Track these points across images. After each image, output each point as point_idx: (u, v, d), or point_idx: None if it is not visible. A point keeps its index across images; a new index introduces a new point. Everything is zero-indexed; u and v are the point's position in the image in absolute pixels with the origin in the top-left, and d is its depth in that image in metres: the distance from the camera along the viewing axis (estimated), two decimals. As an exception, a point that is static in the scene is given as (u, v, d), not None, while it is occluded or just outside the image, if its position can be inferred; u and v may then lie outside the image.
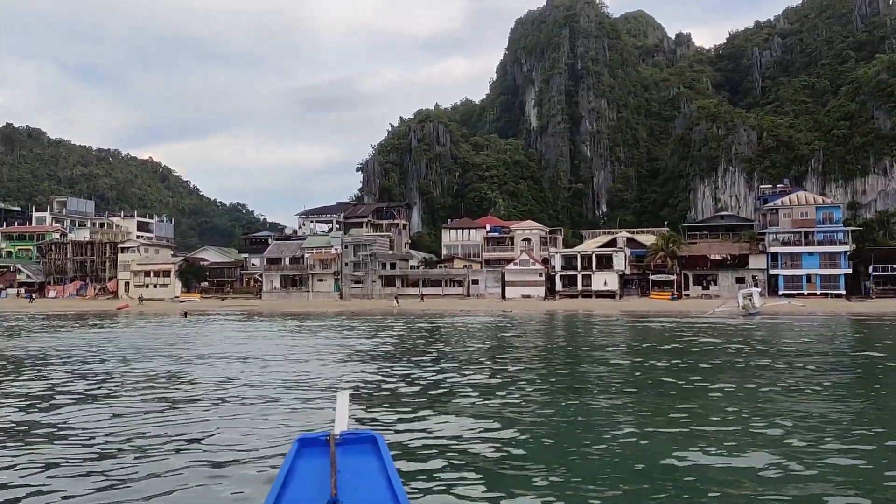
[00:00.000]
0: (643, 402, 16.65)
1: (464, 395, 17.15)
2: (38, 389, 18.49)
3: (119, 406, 15.60)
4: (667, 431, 12.71)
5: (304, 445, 4.68)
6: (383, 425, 12.91)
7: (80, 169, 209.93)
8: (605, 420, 13.89)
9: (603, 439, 12.08)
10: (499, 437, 12.05)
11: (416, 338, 38.63)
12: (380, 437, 4.80)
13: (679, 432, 12.61)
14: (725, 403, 15.98)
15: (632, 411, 15.04)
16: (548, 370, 23.75)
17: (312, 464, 4.46)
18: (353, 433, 4.83)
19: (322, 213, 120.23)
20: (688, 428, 12.98)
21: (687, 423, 13.55)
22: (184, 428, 12.84)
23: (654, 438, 12.21)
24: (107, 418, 14.04)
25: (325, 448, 4.55)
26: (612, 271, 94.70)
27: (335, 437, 4.66)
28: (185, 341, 36.18)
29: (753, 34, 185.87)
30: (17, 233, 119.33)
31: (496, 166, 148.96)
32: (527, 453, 11.17)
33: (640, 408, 15.63)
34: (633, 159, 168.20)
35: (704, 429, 12.84)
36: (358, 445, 4.70)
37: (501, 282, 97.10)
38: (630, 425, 13.24)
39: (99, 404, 16.00)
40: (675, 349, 31.20)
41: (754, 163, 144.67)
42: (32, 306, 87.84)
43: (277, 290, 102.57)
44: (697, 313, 66.60)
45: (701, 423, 13.56)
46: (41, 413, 14.92)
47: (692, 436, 12.26)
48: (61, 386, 19.23)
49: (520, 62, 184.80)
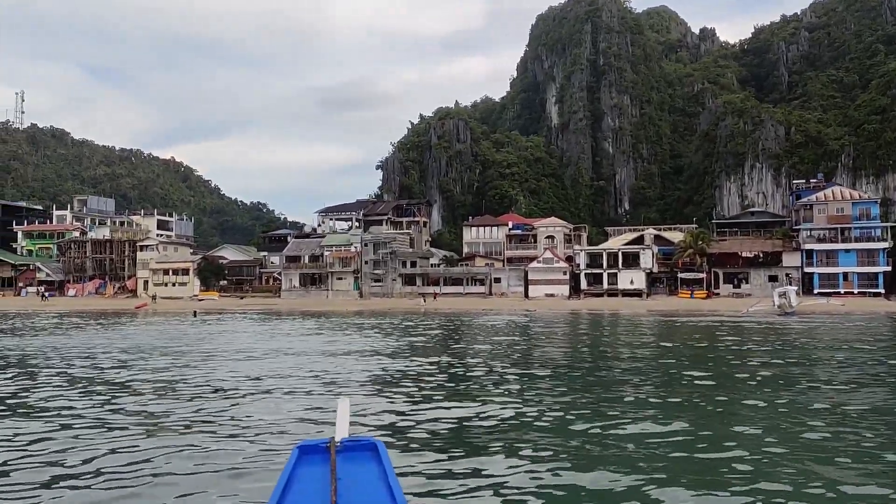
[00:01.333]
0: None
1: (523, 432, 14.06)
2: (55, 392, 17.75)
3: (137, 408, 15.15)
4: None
5: (305, 452, 4.58)
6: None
7: (103, 169, 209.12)
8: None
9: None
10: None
11: (454, 342, 35.50)
12: (381, 445, 4.67)
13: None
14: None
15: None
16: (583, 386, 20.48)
17: (313, 471, 4.37)
18: (353, 440, 4.71)
19: (341, 210, 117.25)
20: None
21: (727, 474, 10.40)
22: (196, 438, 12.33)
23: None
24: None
25: (326, 455, 4.45)
26: (639, 269, 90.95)
27: (336, 444, 4.53)
28: (192, 350, 33.29)
29: (780, 28, 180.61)
30: (37, 231, 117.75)
31: (517, 163, 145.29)
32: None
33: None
34: (656, 156, 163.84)
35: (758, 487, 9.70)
36: (359, 453, 4.59)
37: (524, 280, 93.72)
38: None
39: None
40: (711, 355, 27.75)
41: (782, 159, 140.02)
42: (47, 305, 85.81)
43: (296, 288, 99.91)
44: (730, 313, 63.10)
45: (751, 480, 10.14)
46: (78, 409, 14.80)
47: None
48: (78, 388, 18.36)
49: (540, 59, 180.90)
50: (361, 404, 15.27)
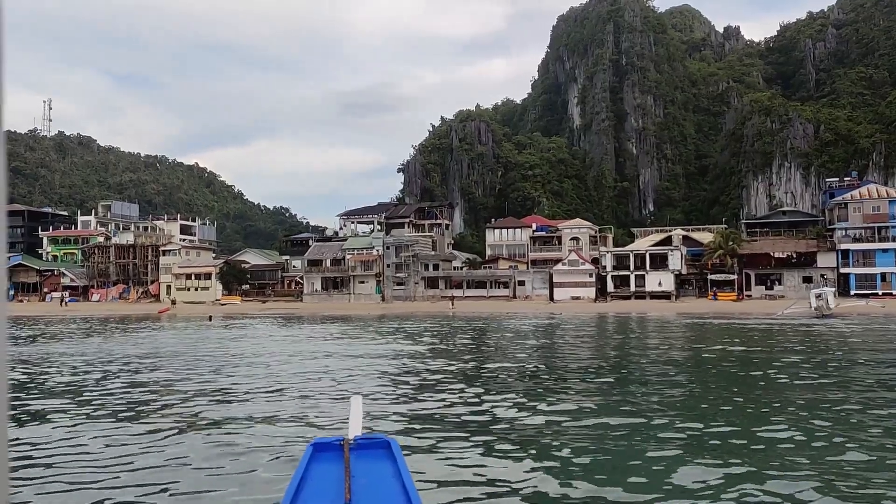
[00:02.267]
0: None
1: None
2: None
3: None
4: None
5: (319, 450, 4.53)
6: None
7: (128, 175, 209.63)
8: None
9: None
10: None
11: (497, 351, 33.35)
12: (394, 442, 4.60)
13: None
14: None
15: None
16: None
17: (327, 468, 4.31)
18: (367, 438, 4.64)
19: (363, 213, 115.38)
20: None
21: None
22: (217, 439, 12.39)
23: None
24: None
25: (340, 453, 4.39)
26: (668, 271, 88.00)
27: (349, 441, 4.47)
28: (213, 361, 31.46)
29: (806, 25, 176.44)
30: (62, 237, 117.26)
31: (539, 165, 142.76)
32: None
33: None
34: (680, 156, 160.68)
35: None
36: (372, 450, 4.52)
37: (549, 283, 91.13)
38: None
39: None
40: (752, 365, 25.18)
41: (811, 157, 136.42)
42: (67, 310, 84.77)
43: (318, 292, 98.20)
44: (764, 315, 60.23)
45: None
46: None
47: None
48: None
49: (562, 60, 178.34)
50: (387, 406, 15.24)
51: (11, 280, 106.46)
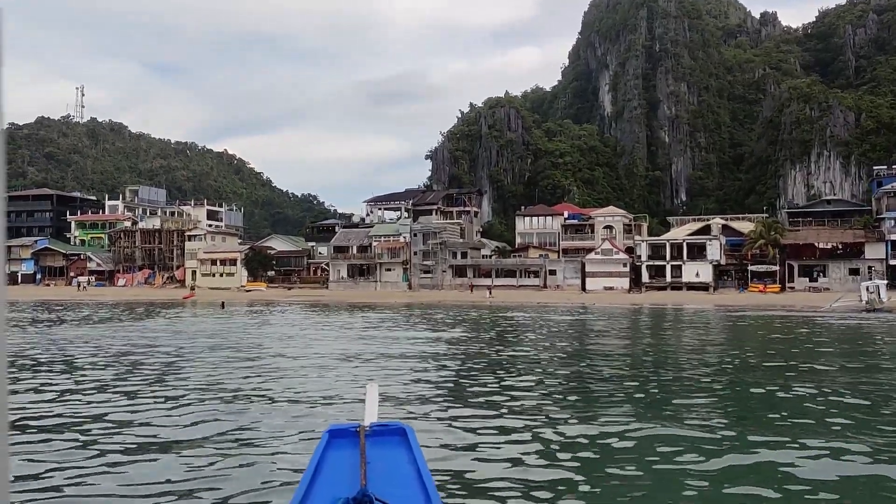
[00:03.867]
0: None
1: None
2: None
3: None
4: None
5: (335, 436, 4.42)
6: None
7: (159, 161, 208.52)
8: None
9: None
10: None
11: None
12: (410, 429, 4.48)
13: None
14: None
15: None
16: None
17: (342, 455, 4.23)
18: (383, 425, 4.52)
19: (390, 200, 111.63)
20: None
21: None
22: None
23: None
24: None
25: (355, 439, 4.30)
26: (706, 261, 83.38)
27: (365, 428, 4.36)
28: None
29: (846, 11, 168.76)
30: (89, 221, 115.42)
31: (570, 153, 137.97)
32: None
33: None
34: (714, 145, 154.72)
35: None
36: (388, 437, 4.42)
37: (581, 272, 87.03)
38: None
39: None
40: (812, 364, 21.11)
41: (852, 146, 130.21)
42: (86, 295, 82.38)
43: (344, 279, 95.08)
44: (809, 309, 55.72)
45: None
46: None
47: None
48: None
49: (593, 46, 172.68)
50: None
51: (38, 264, 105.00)
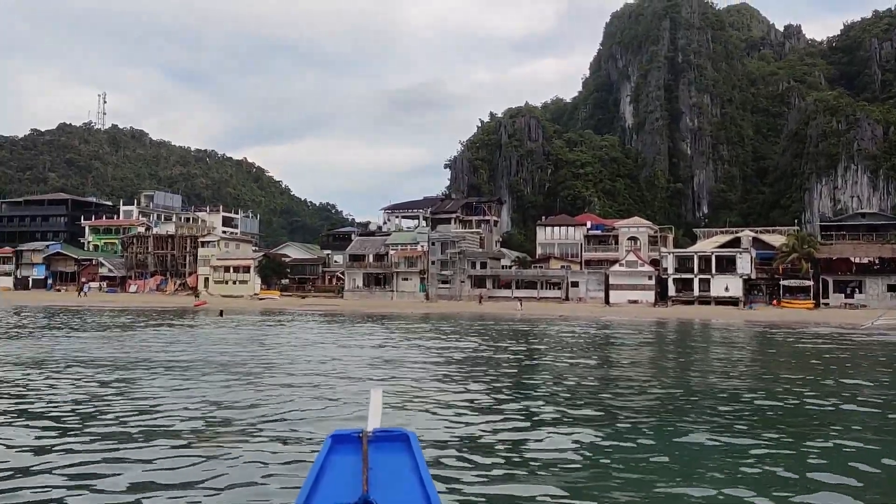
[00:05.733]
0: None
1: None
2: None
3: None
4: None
5: (337, 442, 4.40)
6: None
7: (178, 169, 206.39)
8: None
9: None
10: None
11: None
12: (412, 435, 4.48)
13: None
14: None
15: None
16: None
17: (345, 460, 4.20)
18: (385, 431, 4.51)
19: (408, 207, 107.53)
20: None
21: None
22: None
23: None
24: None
25: (358, 445, 4.27)
26: (735, 275, 78.58)
27: (368, 434, 4.34)
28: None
29: (872, 24, 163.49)
30: (103, 226, 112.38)
31: (591, 163, 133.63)
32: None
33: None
34: (737, 158, 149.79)
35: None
36: (390, 443, 4.39)
37: (605, 285, 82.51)
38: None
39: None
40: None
41: (880, 160, 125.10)
42: (86, 300, 78.48)
43: (360, 288, 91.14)
44: (847, 327, 50.89)
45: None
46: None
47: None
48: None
49: (615, 57, 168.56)
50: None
51: (50, 269, 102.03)
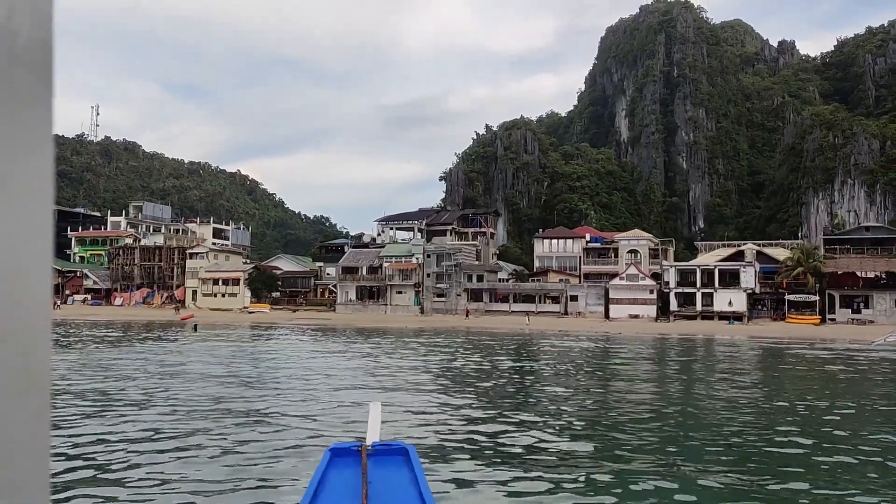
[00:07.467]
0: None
1: None
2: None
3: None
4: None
5: (337, 455, 4.28)
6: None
7: (172, 181, 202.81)
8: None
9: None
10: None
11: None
12: (412, 449, 4.35)
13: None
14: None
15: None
16: None
17: (344, 473, 4.12)
18: (385, 444, 4.43)
19: (403, 219, 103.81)
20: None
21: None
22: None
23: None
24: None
25: (357, 458, 4.22)
26: (739, 289, 75.31)
27: (367, 447, 4.28)
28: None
29: (865, 41, 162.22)
30: (90, 237, 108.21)
31: (587, 176, 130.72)
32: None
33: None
34: (733, 172, 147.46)
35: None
36: (390, 456, 4.28)
37: (604, 299, 79.09)
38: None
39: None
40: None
41: (877, 174, 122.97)
42: (59, 313, 73.11)
43: (352, 302, 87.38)
44: (855, 343, 47.75)
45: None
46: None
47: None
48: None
49: (610, 72, 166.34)
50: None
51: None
